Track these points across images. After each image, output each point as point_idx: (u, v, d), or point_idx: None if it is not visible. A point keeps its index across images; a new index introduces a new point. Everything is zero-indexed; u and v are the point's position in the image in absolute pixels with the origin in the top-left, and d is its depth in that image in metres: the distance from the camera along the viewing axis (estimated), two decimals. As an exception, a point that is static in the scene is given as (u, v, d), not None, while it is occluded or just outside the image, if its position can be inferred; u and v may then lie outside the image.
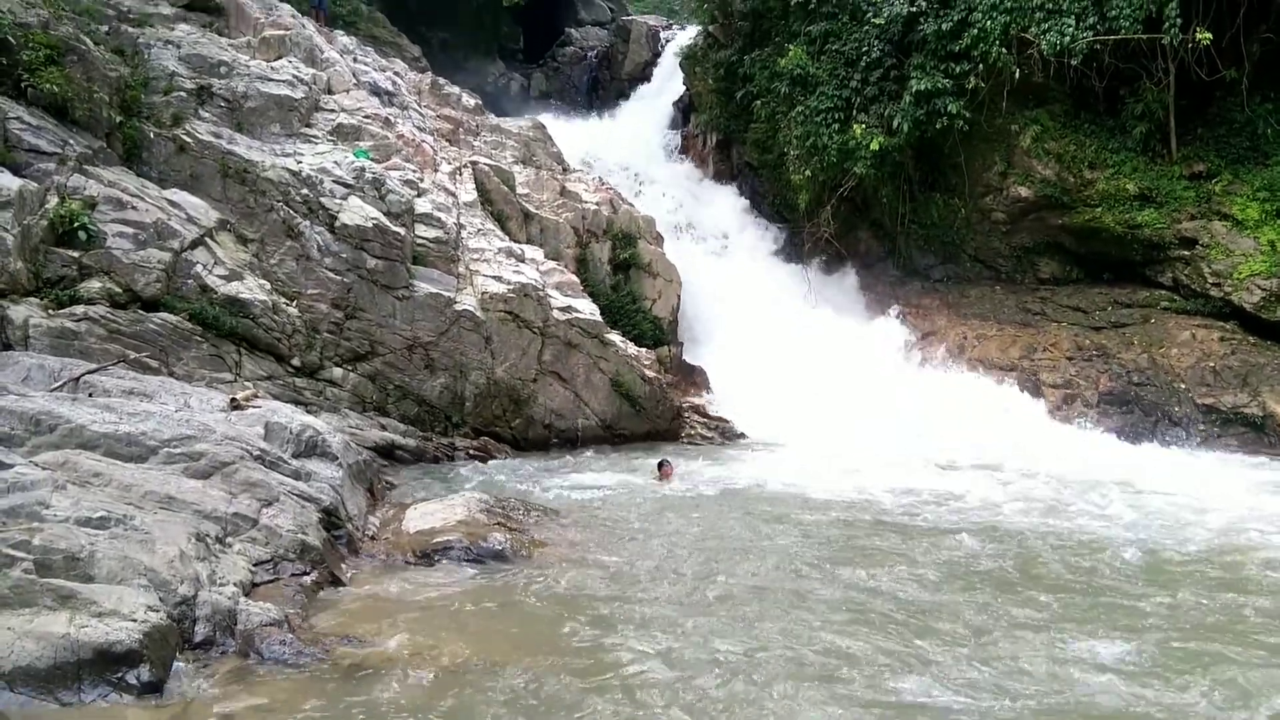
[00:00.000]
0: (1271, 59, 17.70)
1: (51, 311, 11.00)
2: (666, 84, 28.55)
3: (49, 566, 5.66)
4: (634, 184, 22.61)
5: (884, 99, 19.83)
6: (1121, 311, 18.58)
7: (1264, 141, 17.86)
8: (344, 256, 13.93)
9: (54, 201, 11.57)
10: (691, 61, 25.43)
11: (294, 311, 13.30)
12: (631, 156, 24.38)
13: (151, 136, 13.67)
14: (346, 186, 14.63)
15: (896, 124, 19.17)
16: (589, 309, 15.85)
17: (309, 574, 7.43)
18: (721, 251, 22.10)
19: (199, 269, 12.50)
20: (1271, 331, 17.05)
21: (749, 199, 23.60)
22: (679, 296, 18.95)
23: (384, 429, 13.26)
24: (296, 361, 13.15)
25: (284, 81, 15.86)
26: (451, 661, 6.16)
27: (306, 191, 14.16)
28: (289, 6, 19.00)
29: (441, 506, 9.62)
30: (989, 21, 18.24)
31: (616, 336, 16.03)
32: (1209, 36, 16.57)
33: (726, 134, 24.52)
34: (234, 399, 9.87)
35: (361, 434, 12.47)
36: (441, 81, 21.37)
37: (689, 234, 22.18)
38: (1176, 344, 17.38)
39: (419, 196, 15.53)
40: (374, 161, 15.54)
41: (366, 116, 16.79)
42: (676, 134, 26.75)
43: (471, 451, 13.77)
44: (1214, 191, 18.01)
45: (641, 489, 11.99)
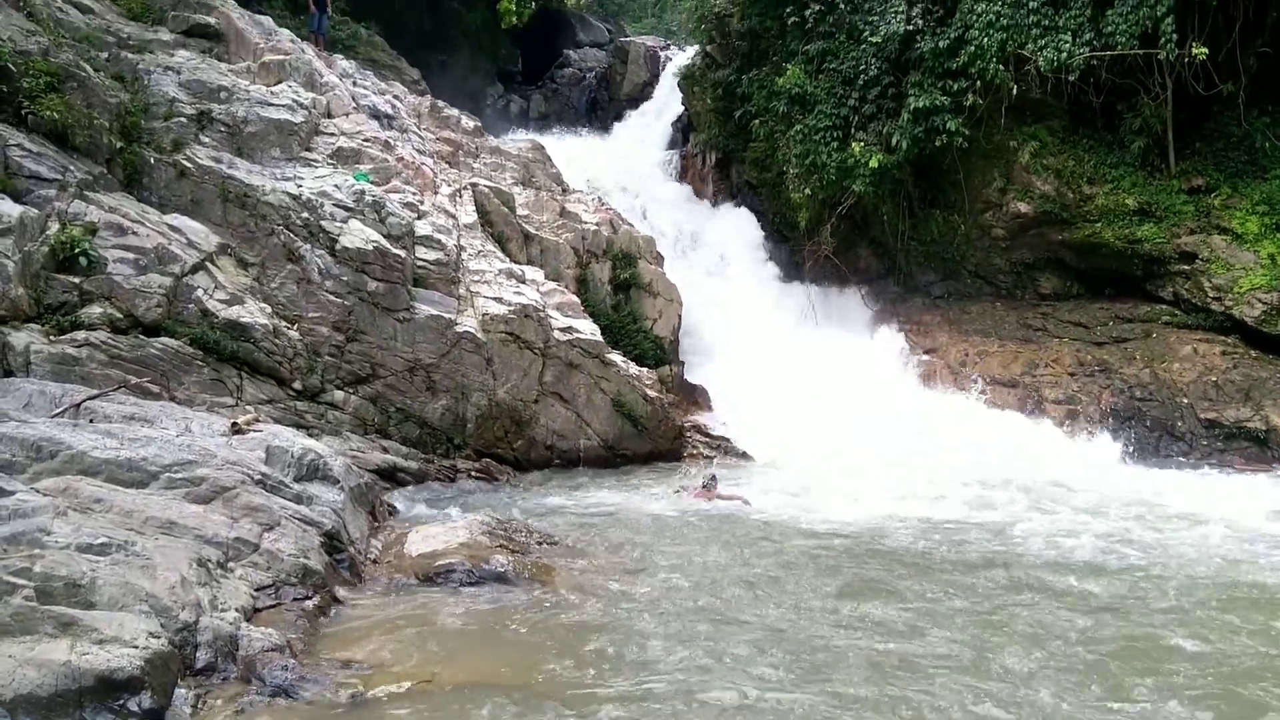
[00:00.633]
0: (1268, 73, 17.76)
1: (53, 337, 10.99)
2: (665, 104, 28.64)
3: (50, 593, 5.63)
4: (634, 204, 22.62)
5: (882, 117, 19.88)
6: (1123, 326, 18.56)
7: (1262, 155, 17.89)
8: (345, 279, 13.94)
9: (55, 228, 11.59)
10: (690, 81, 25.50)
11: (295, 335, 13.30)
12: (631, 176, 24.39)
13: (152, 162, 13.70)
14: (347, 210, 14.65)
15: (895, 141, 19.21)
16: (590, 329, 15.84)
17: (311, 598, 7.40)
18: (722, 270, 22.09)
19: (200, 293, 12.50)
20: (1273, 345, 17.03)
21: (749, 218, 23.60)
22: (680, 316, 18.94)
23: (386, 452, 13.24)
24: (298, 385, 13.14)
25: (284, 106, 15.91)
26: (454, 686, 6.12)
27: (307, 215, 14.19)
28: (288, 31, 19.11)
29: (443, 529, 9.58)
30: (986, 39, 18.31)
31: (618, 356, 16.02)
32: (1205, 51, 16.63)
33: (726, 153, 24.57)
34: (235, 423, 9.86)
35: (363, 457, 12.45)
36: (441, 104, 21.43)
37: (689, 253, 22.18)
38: (1178, 358, 17.35)
39: (419, 219, 15.55)
40: (374, 184, 15.56)
41: (366, 140, 16.83)
42: (676, 153, 26.78)
43: (473, 473, 13.74)
44: (1213, 205, 18.02)
45: (644, 510, 11.93)
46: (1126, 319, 18.66)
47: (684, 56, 28.41)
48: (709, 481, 12.61)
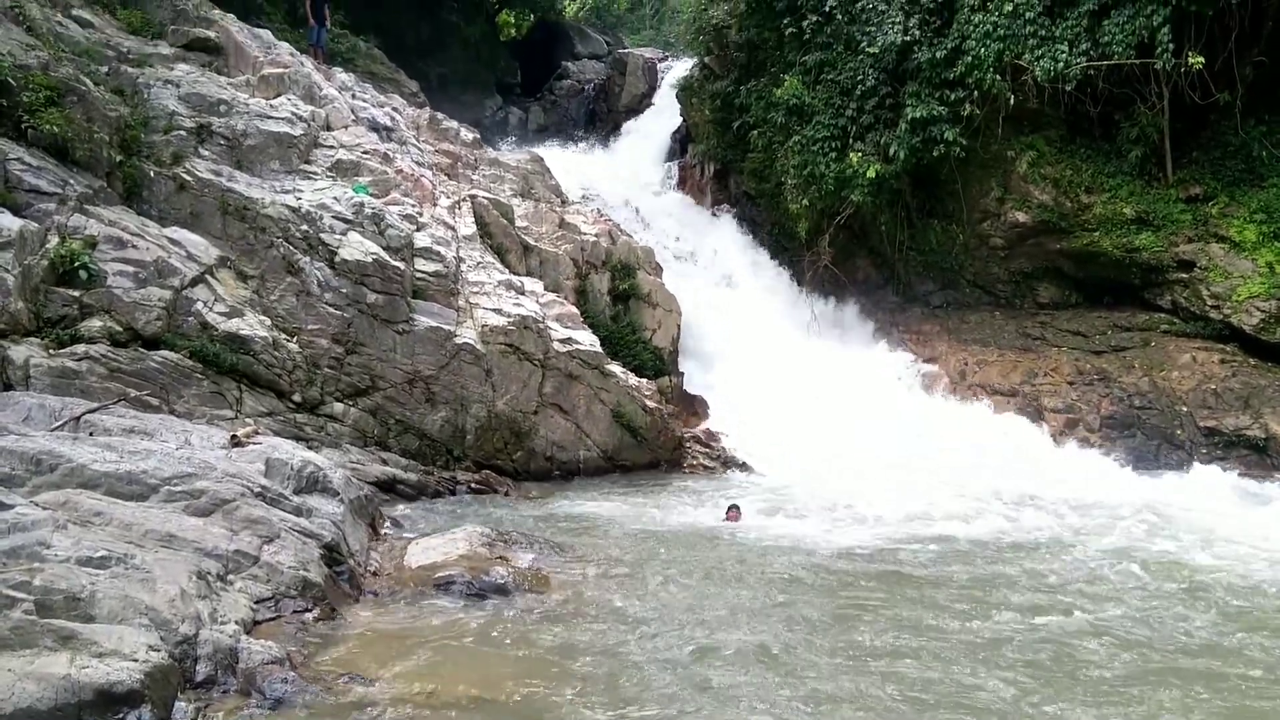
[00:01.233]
0: (1264, 82, 17.79)
1: (52, 351, 11.00)
2: (663, 115, 28.70)
3: (50, 607, 5.63)
4: (633, 215, 22.67)
5: (880, 127, 19.92)
6: (1121, 335, 18.56)
7: (1259, 164, 17.89)
8: (344, 292, 13.96)
9: (54, 241, 11.61)
10: (688, 93, 25.57)
11: (294, 347, 13.32)
12: (629, 187, 24.45)
13: (151, 175, 13.73)
14: (346, 222, 14.68)
15: (893, 152, 19.25)
16: (589, 340, 15.86)
17: (311, 611, 7.40)
18: (720, 281, 22.09)
19: (199, 306, 12.52)
20: (1272, 353, 17.02)
21: (747, 228, 23.63)
22: (679, 326, 18.95)
23: (385, 464, 13.24)
24: (297, 397, 13.14)
25: (283, 119, 15.95)
26: (453, 698, 6.12)
27: (306, 228, 14.21)
28: (287, 45, 19.15)
29: (443, 541, 9.58)
30: (982, 49, 18.36)
31: (617, 367, 16.03)
32: (1201, 61, 16.67)
33: (724, 164, 24.61)
34: (235, 436, 9.86)
35: (363, 469, 12.45)
36: (440, 116, 21.48)
37: (688, 264, 22.20)
38: (1177, 367, 17.36)
39: (418, 231, 15.58)
40: (373, 197, 15.59)
41: (365, 152, 16.87)
42: (674, 164, 26.84)
43: (473, 485, 13.73)
44: (1211, 214, 18.02)
45: (644, 521, 11.92)
46: (1125, 327, 18.67)
47: (682, 68, 28.51)
48: (733, 506, 12.41)
